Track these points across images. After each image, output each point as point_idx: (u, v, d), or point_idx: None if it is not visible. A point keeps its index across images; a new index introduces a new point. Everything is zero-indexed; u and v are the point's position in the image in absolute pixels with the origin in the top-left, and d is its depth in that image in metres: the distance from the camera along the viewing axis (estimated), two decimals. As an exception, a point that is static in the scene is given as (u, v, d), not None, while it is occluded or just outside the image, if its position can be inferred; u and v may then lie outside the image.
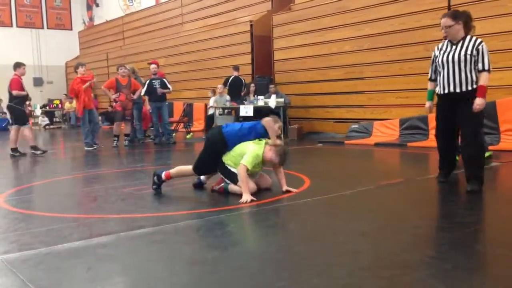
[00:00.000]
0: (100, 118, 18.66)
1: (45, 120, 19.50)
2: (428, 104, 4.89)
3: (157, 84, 10.34)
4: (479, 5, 8.33)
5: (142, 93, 10.40)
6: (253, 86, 11.90)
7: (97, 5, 23.54)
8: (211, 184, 4.98)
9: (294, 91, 11.93)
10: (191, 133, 12.71)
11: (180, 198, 4.78)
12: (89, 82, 9.56)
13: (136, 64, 13.30)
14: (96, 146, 9.75)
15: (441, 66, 4.57)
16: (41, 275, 2.69)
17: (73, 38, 23.79)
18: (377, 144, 9.07)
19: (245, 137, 4.79)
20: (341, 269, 2.62)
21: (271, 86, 11.43)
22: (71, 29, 24.03)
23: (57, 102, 20.81)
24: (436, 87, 4.74)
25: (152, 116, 10.61)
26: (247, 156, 4.55)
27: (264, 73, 12.79)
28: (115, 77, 10.24)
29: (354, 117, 10.82)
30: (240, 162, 4.55)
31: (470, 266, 2.64)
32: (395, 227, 3.48)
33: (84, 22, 24.01)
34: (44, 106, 20.63)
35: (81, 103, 9.60)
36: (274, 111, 10.44)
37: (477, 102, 4.34)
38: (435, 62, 4.68)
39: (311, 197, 4.47)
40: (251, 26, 13.15)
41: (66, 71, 23.02)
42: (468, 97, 4.41)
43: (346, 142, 9.69)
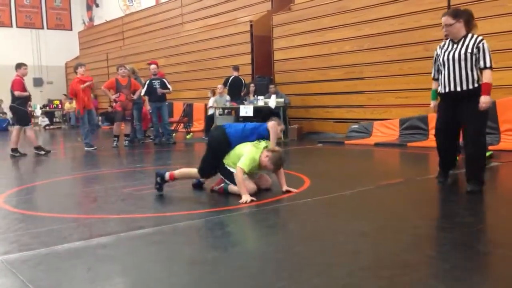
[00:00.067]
0: (100, 118, 18.83)
1: (45, 121, 19.50)
2: (432, 104, 4.87)
3: (157, 84, 10.35)
4: (479, 5, 8.32)
5: (142, 93, 10.41)
6: (253, 86, 11.90)
7: (97, 6, 23.54)
8: (211, 184, 4.98)
9: (294, 91, 11.93)
10: (191, 133, 12.71)
11: (180, 198, 4.77)
12: (88, 83, 9.56)
13: (136, 65, 13.31)
14: (95, 147, 9.75)
15: (442, 65, 4.54)
16: (41, 275, 2.69)
17: (73, 38, 23.79)
18: (377, 144, 9.07)
19: (247, 138, 4.80)
20: (341, 269, 2.62)
21: (271, 86, 11.43)
22: (71, 30, 24.04)
23: (57, 102, 20.81)
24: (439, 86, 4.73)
25: (152, 116, 10.62)
26: (244, 159, 4.55)
27: (264, 73, 12.79)
28: (115, 77, 10.24)
29: (354, 117, 10.82)
30: (236, 164, 4.56)
31: (470, 266, 2.63)
32: (395, 227, 3.48)
33: (84, 23, 24.01)
34: (44, 106, 20.63)
35: (79, 103, 9.61)
36: (274, 111, 10.43)
37: (482, 100, 4.30)
38: (437, 61, 4.66)
39: (311, 197, 4.47)
40: (251, 26, 13.15)
41: (66, 72, 23.02)
42: (470, 96, 4.37)
43: (346, 142, 9.69)
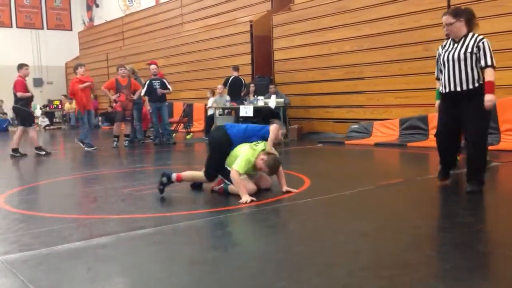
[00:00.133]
0: (100, 118, 18.83)
1: (45, 121, 19.50)
2: (437, 103, 4.86)
3: (157, 84, 10.35)
4: (478, 5, 8.31)
5: (142, 93, 10.41)
6: (253, 86, 11.90)
7: (97, 6, 23.54)
8: (211, 184, 4.98)
9: (294, 91, 11.93)
10: (191, 134, 12.71)
11: (179, 198, 4.77)
12: (87, 83, 9.58)
13: (136, 65, 13.31)
14: (95, 147, 9.76)
15: (442, 65, 4.52)
16: (41, 275, 2.69)
17: (73, 38, 23.79)
18: (377, 144, 9.07)
19: (249, 139, 4.80)
20: (341, 269, 2.63)
21: (271, 86, 11.43)
22: (71, 30, 24.03)
23: (57, 102, 20.80)
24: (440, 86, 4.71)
25: (152, 116, 10.62)
26: (239, 160, 4.55)
27: (264, 73, 12.79)
28: (115, 77, 10.25)
29: (354, 117, 10.82)
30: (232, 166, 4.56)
31: (470, 266, 2.63)
32: (395, 227, 3.48)
33: (84, 23, 24.00)
34: (44, 106, 20.63)
35: (78, 103, 9.64)
36: (274, 111, 10.44)
37: (486, 98, 4.26)
38: (439, 61, 4.64)
39: (311, 197, 4.48)
40: (251, 26, 13.15)
41: (66, 72, 23.02)
42: (470, 96, 4.34)
43: (346, 142, 9.69)
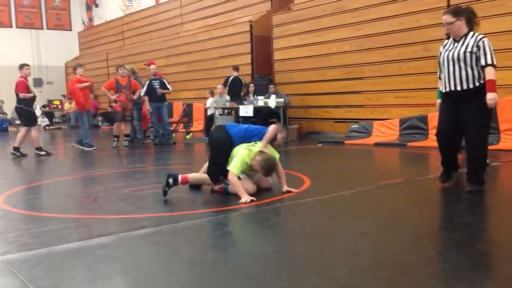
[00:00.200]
0: (100, 118, 18.83)
1: (45, 121, 19.48)
2: (438, 102, 4.85)
3: (156, 84, 10.36)
4: (478, 5, 8.29)
5: (142, 93, 10.41)
6: (253, 86, 11.89)
7: (97, 6, 23.53)
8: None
9: (294, 91, 11.92)
10: (191, 134, 12.71)
11: (179, 198, 4.77)
12: (86, 83, 9.59)
13: (136, 65, 13.29)
14: (95, 147, 9.76)
15: (443, 64, 4.51)
16: (41, 275, 2.68)
17: (73, 38, 23.77)
18: (377, 144, 9.07)
19: (249, 139, 4.79)
20: (341, 269, 2.62)
21: (271, 86, 11.43)
22: (71, 30, 24.01)
23: (57, 102, 20.80)
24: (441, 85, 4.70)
25: (152, 116, 10.62)
26: (235, 162, 4.55)
27: (263, 73, 12.79)
28: (114, 77, 10.25)
29: (354, 117, 10.82)
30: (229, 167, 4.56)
31: (470, 266, 2.63)
32: (395, 227, 3.48)
33: (84, 23, 23.98)
34: (44, 106, 20.62)
35: (76, 102, 9.68)
36: (274, 111, 10.44)
37: (488, 97, 4.25)
38: (439, 60, 4.64)
39: (311, 197, 4.47)
40: (251, 26, 13.15)
41: (65, 72, 23.00)
42: (470, 95, 4.33)
43: (346, 142, 9.69)
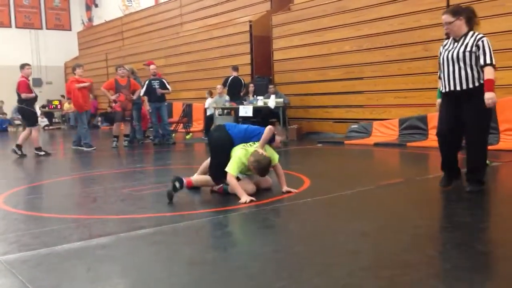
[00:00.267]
0: (99, 119, 18.83)
1: (44, 121, 19.48)
2: (438, 102, 4.84)
3: (156, 84, 10.36)
4: (478, 5, 8.29)
5: (142, 93, 10.41)
6: (252, 86, 11.89)
7: (96, 6, 23.51)
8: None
9: (294, 91, 11.92)
10: (191, 134, 12.71)
11: (179, 198, 4.76)
12: (83, 84, 9.61)
13: (135, 65, 13.28)
14: (95, 147, 9.77)
15: (442, 64, 4.49)
16: (40, 276, 2.68)
17: (72, 38, 23.76)
18: (376, 144, 9.07)
19: (249, 139, 4.79)
20: (341, 269, 2.62)
21: (271, 86, 11.43)
22: (70, 30, 23.99)
23: (56, 102, 20.80)
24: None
25: (152, 116, 10.62)
26: (231, 163, 4.55)
27: (263, 73, 12.79)
28: (114, 77, 10.25)
29: (354, 117, 10.82)
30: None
31: (470, 266, 2.63)
32: (395, 227, 3.48)
33: (83, 23, 23.97)
34: (43, 106, 20.61)
35: (74, 102, 9.73)
36: (274, 111, 10.44)
37: (486, 96, 4.22)
38: (439, 60, 4.63)
39: (311, 197, 4.47)
40: (250, 26, 13.14)
41: (65, 72, 23.00)
42: (470, 95, 4.32)
43: (345, 142, 9.69)
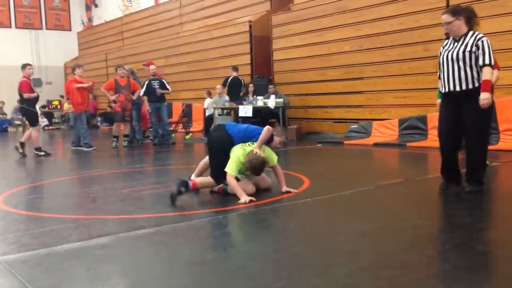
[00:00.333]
0: (99, 119, 18.83)
1: (44, 121, 19.47)
2: (438, 102, 4.84)
3: (156, 84, 10.36)
4: (478, 5, 8.30)
5: (141, 93, 10.41)
6: (252, 86, 11.89)
7: (96, 6, 23.51)
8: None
9: (293, 92, 11.92)
10: (190, 134, 12.71)
11: (179, 199, 4.76)
12: (83, 85, 9.62)
13: (135, 65, 13.29)
14: (94, 147, 9.77)
15: (442, 64, 4.48)
16: (40, 276, 2.68)
17: (72, 38, 23.76)
18: (376, 144, 9.07)
19: (249, 139, 4.79)
20: (341, 269, 2.62)
21: (270, 86, 11.43)
22: (70, 30, 23.99)
23: (56, 103, 20.79)
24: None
25: (151, 116, 10.61)
26: (230, 163, 4.55)
27: (263, 74, 12.79)
28: (114, 78, 10.25)
29: (353, 117, 10.81)
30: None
31: (469, 266, 2.63)
32: (395, 227, 3.48)
33: (83, 23, 23.97)
34: (43, 107, 20.60)
35: (73, 102, 9.77)
36: (273, 111, 10.43)
37: (481, 97, 4.20)
38: (439, 60, 4.62)
39: (310, 197, 4.47)
40: (250, 26, 13.14)
41: (65, 72, 22.99)
42: (469, 96, 4.30)
43: (345, 142, 9.69)
